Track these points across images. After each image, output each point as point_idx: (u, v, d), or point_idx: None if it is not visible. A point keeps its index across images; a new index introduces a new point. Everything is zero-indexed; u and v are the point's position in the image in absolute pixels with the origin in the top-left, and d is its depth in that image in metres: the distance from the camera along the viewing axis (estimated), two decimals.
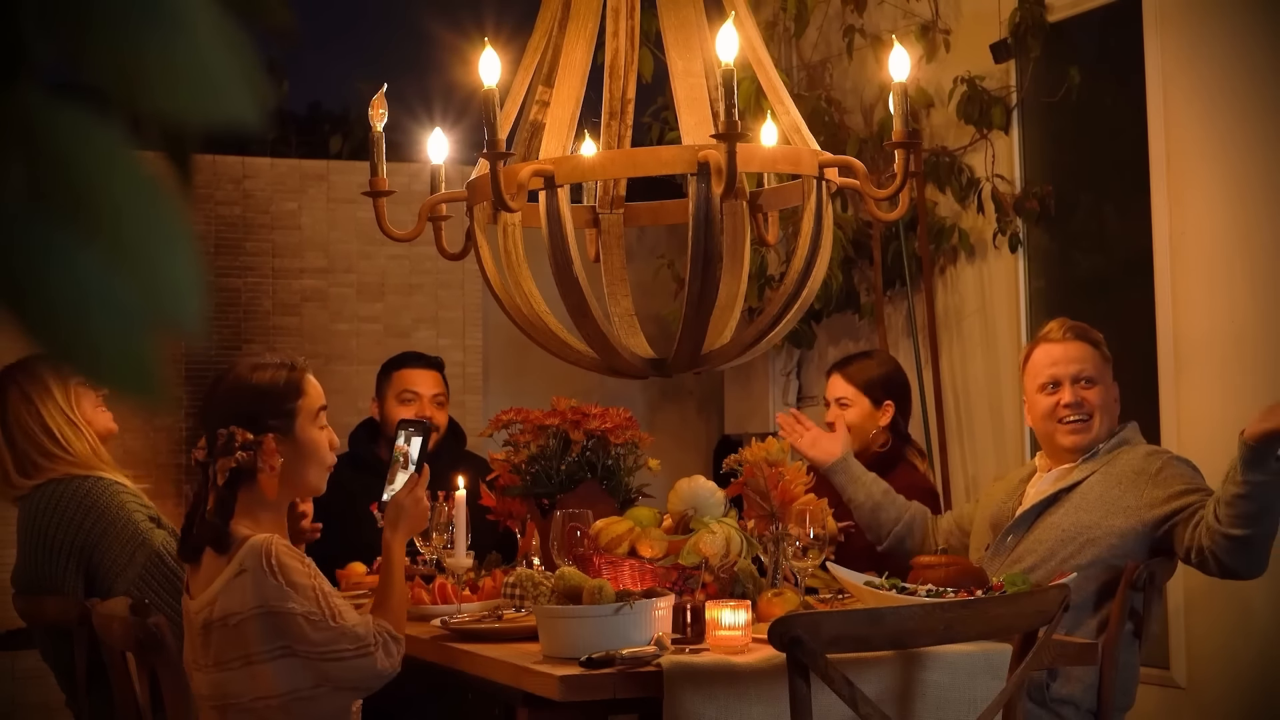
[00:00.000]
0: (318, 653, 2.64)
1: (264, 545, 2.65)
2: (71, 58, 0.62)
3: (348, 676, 2.66)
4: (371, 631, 2.67)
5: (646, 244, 6.23)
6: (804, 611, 2.81)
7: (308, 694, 2.67)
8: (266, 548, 2.65)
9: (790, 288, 3.09)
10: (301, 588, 2.63)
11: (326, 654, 2.64)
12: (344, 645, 2.64)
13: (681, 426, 6.48)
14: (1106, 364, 3.56)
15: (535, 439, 3.52)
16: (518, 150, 3.19)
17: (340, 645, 2.64)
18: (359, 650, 2.65)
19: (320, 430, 2.84)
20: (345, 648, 2.64)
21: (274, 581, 2.63)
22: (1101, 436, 3.49)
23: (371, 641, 2.66)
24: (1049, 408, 3.50)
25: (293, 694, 2.66)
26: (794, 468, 3.32)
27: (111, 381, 0.62)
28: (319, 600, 2.64)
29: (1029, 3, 4.87)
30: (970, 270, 5.31)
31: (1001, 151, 5.12)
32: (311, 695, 2.67)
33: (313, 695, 2.68)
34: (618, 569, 3.02)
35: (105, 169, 0.62)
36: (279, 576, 2.63)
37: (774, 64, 3.23)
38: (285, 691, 2.65)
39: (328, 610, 2.64)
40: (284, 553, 2.66)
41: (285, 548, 2.68)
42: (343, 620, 2.65)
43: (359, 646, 2.65)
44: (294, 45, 5.83)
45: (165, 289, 0.62)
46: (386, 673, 2.70)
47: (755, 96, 4.73)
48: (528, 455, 3.52)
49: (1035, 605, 2.57)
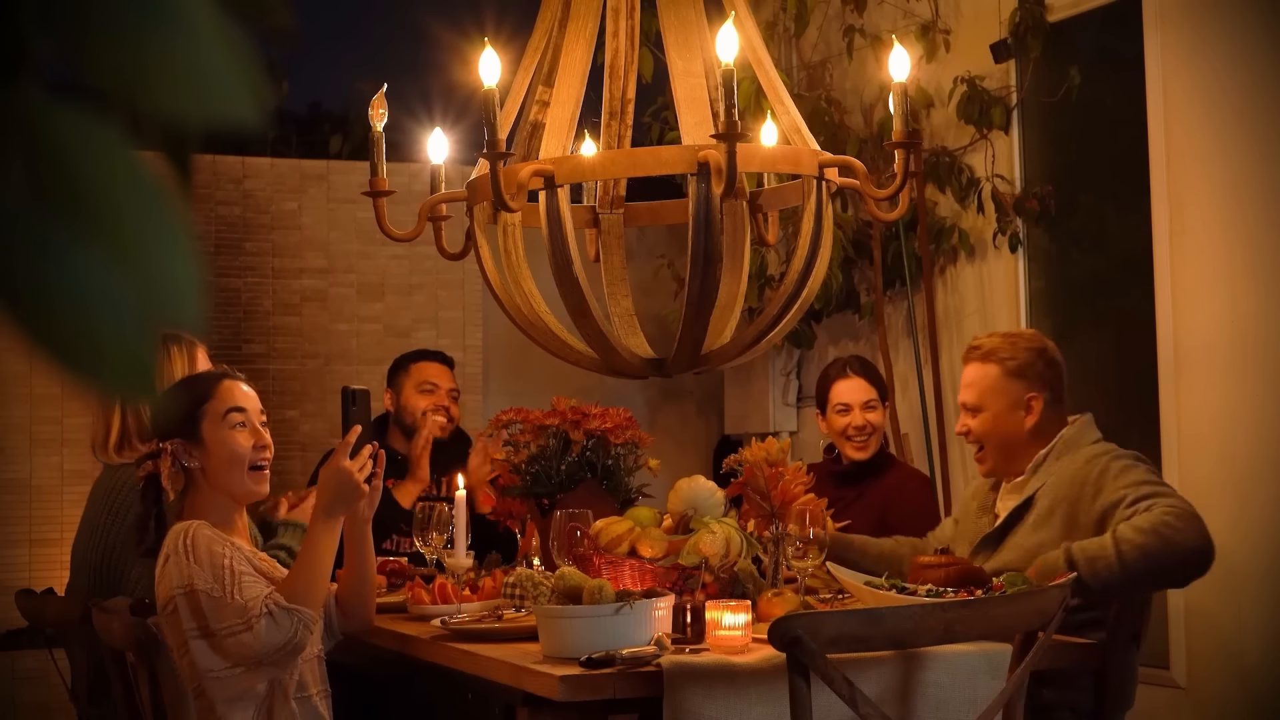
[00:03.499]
0: (218, 630, 2.67)
1: (182, 528, 2.73)
2: (71, 58, 0.62)
3: (239, 651, 2.67)
4: (261, 603, 2.66)
5: (646, 244, 6.23)
6: (804, 611, 2.81)
7: (223, 674, 2.69)
8: (185, 529, 2.72)
9: (790, 288, 3.09)
10: (207, 564, 2.68)
11: (222, 630, 2.66)
12: (234, 620, 2.66)
13: (681, 426, 6.48)
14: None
15: (535, 439, 3.52)
16: (518, 150, 3.19)
17: (231, 620, 2.66)
18: (244, 623, 2.66)
19: (231, 430, 2.87)
20: (235, 622, 2.66)
21: (185, 561, 2.68)
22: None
23: (256, 613, 2.65)
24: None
25: (209, 674, 2.69)
26: (794, 467, 3.32)
27: (111, 381, 0.62)
28: (224, 576, 2.67)
29: (1029, 3, 4.87)
30: (970, 270, 5.31)
31: (1001, 151, 5.12)
32: (228, 675, 2.69)
33: (229, 675, 2.69)
34: (618, 569, 3.02)
35: (105, 169, 0.62)
36: (189, 555, 2.68)
37: (774, 64, 3.23)
38: (204, 671, 2.69)
39: (229, 586, 2.66)
40: (199, 534, 2.71)
41: (201, 530, 2.73)
42: (239, 595, 2.66)
43: (244, 620, 2.66)
44: (294, 46, 5.83)
45: (165, 289, 0.62)
46: (276, 644, 2.66)
47: (755, 96, 4.73)
48: (528, 455, 3.52)
49: (1035, 605, 2.57)
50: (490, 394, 6.00)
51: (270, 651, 2.67)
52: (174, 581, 2.70)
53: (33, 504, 5.22)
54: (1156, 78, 4.52)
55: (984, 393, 3.41)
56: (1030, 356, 3.40)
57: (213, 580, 2.67)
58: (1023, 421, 3.37)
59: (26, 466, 5.23)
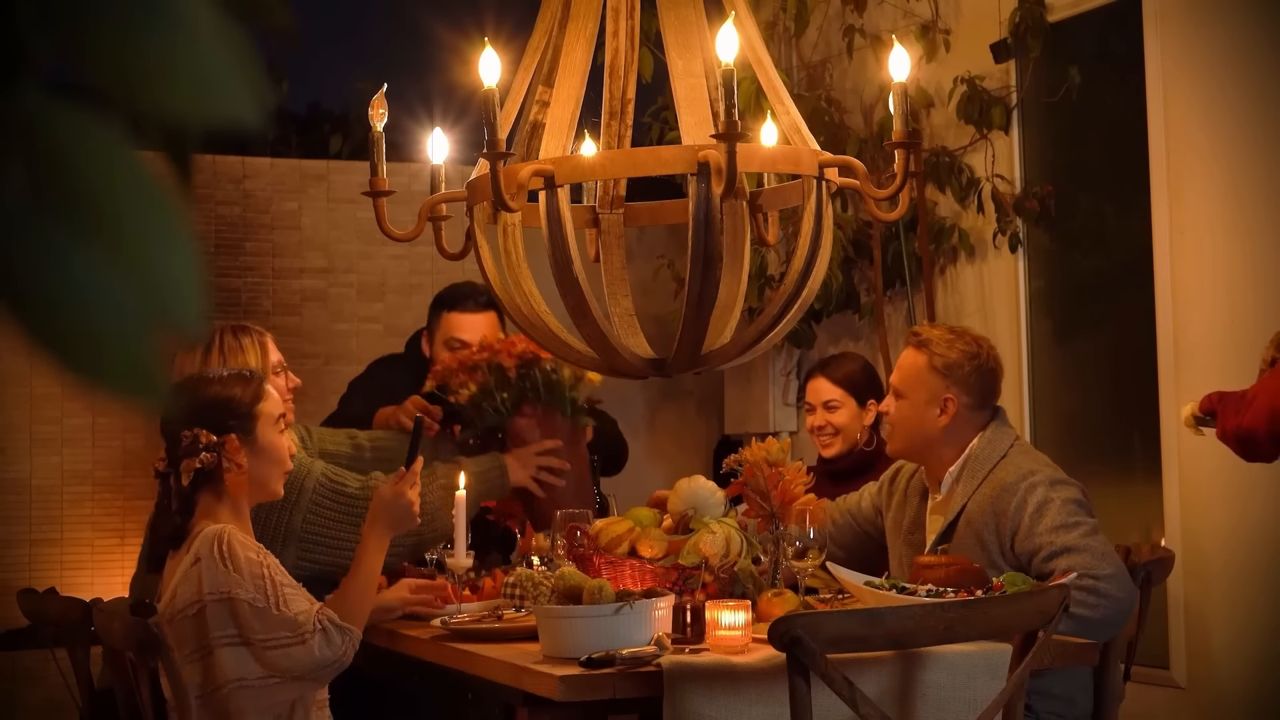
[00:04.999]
0: (259, 640, 2.67)
1: (216, 533, 2.72)
2: (71, 57, 0.62)
3: (287, 665, 2.68)
4: (313, 619, 2.69)
5: (646, 244, 6.23)
6: (804, 611, 2.81)
7: (256, 684, 2.69)
8: (219, 535, 2.71)
9: (790, 288, 3.09)
10: (248, 575, 2.68)
11: (267, 641, 2.67)
12: (283, 633, 2.67)
13: (681, 426, 6.48)
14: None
15: (472, 378, 3.57)
16: (518, 150, 3.19)
17: (280, 633, 2.67)
18: (296, 637, 2.67)
19: (280, 435, 2.90)
20: (284, 635, 2.67)
21: (223, 568, 2.68)
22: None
23: (310, 629, 2.67)
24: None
25: (239, 682, 2.68)
26: (794, 467, 3.32)
27: (111, 381, 0.62)
28: (266, 588, 2.67)
29: (1029, 3, 4.87)
30: (970, 270, 5.31)
31: (1001, 151, 5.12)
32: (261, 685, 2.69)
33: (263, 685, 2.69)
34: (618, 569, 3.02)
35: (105, 169, 0.62)
36: (228, 563, 2.68)
37: (774, 64, 3.23)
38: (233, 679, 2.68)
39: (273, 598, 2.67)
40: (235, 541, 2.71)
41: (236, 536, 2.73)
42: (286, 609, 2.67)
43: (296, 634, 2.67)
44: (294, 46, 5.83)
45: (165, 289, 0.62)
46: (327, 661, 2.70)
47: (755, 96, 4.73)
48: (469, 397, 3.58)
49: (1035, 605, 2.57)
50: None
51: (318, 668, 2.70)
52: (205, 586, 2.69)
53: (33, 504, 5.22)
54: (1156, 78, 4.51)
55: (907, 380, 3.41)
56: (959, 358, 3.37)
57: (255, 591, 2.67)
58: (936, 419, 3.36)
59: (26, 466, 5.24)
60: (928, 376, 3.38)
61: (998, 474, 3.26)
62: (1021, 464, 3.27)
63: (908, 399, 3.40)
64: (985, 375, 3.39)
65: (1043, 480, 3.21)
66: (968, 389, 3.37)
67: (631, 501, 3.54)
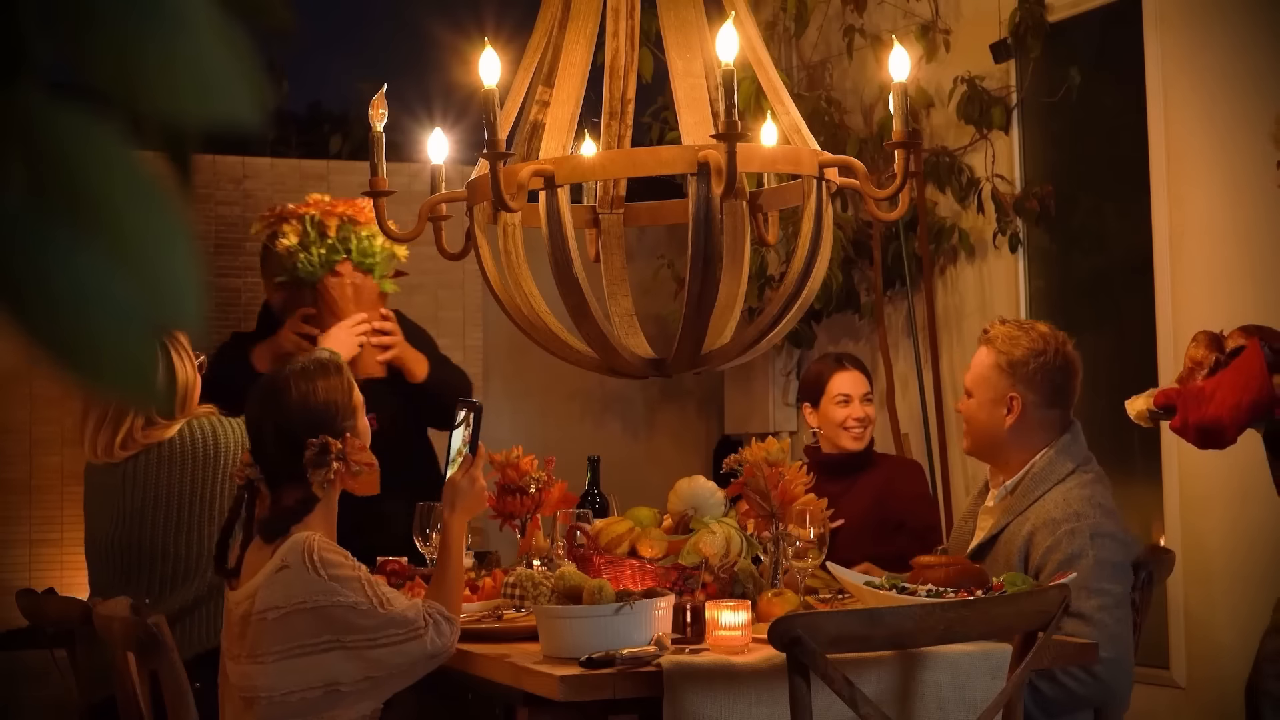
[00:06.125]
0: (368, 640, 2.65)
1: (305, 542, 2.68)
2: (72, 58, 0.62)
3: (399, 661, 2.67)
4: (421, 613, 2.69)
5: (646, 244, 6.23)
6: (804, 611, 2.81)
7: (350, 688, 2.67)
8: (308, 544, 2.68)
9: (790, 288, 3.09)
10: (348, 580, 2.66)
11: (378, 640, 2.65)
12: (394, 630, 2.66)
13: (681, 426, 6.48)
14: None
15: (293, 229, 4.06)
16: (518, 150, 3.19)
17: (390, 631, 2.66)
18: (410, 633, 2.67)
19: (365, 431, 2.87)
20: (396, 633, 2.66)
21: (317, 577, 2.65)
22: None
23: (422, 623, 2.68)
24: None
25: (333, 686, 2.66)
26: (794, 467, 3.32)
27: (111, 381, 0.62)
28: (366, 590, 2.67)
29: (1029, 3, 4.87)
30: (970, 270, 5.31)
31: (1001, 151, 5.12)
32: (353, 689, 2.67)
33: (354, 689, 2.67)
34: (618, 569, 3.02)
35: (105, 169, 0.62)
36: (322, 572, 2.65)
37: (774, 64, 3.23)
38: (327, 683, 2.66)
39: (375, 599, 2.67)
40: (325, 549, 2.69)
41: (326, 544, 2.71)
42: (391, 607, 2.67)
43: (409, 630, 2.67)
44: (294, 46, 5.83)
45: (165, 289, 0.62)
46: (439, 652, 2.70)
47: (755, 96, 4.73)
48: (285, 247, 4.06)
49: (1035, 605, 2.57)
50: (490, 394, 6.00)
51: (429, 659, 2.69)
52: (295, 594, 2.65)
53: (33, 504, 5.22)
54: (1156, 78, 4.52)
55: (976, 379, 3.35)
56: (1024, 355, 3.28)
57: (357, 595, 2.65)
58: (1002, 419, 3.28)
59: (26, 466, 5.23)
60: (993, 375, 3.29)
61: (1046, 504, 3.16)
62: (1073, 500, 3.15)
63: (976, 398, 3.33)
64: (1053, 373, 3.29)
65: (1086, 528, 3.09)
66: (1033, 387, 3.27)
67: (632, 502, 3.54)
